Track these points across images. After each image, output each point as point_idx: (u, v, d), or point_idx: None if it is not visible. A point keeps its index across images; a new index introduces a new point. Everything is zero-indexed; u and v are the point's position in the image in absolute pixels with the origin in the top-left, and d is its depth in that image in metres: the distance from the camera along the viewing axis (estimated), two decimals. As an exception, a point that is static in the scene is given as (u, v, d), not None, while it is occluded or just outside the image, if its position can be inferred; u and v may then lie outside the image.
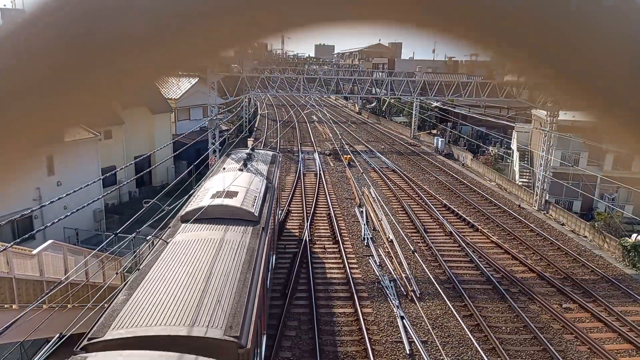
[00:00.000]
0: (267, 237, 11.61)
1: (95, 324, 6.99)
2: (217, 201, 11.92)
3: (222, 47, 0.64)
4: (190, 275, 8.45)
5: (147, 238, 10.08)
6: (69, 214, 9.36)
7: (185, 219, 11.46)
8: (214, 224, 11.07)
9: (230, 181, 13.60)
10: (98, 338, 6.59)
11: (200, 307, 7.34)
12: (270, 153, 21.62)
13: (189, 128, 33.38)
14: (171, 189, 14.79)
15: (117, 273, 11.94)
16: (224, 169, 16.41)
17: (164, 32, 0.59)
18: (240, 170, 15.48)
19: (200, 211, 11.28)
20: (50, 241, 14.48)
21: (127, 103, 32.18)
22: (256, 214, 12.06)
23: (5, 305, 11.68)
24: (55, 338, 6.87)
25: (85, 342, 6.55)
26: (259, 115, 61.69)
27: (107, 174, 16.58)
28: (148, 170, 25.90)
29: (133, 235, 10.61)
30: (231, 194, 12.48)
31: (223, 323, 7.03)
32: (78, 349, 6.33)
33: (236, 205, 11.91)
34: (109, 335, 6.63)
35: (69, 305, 12.69)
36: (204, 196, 12.87)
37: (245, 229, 11.14)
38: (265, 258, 10.81)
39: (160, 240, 10.36)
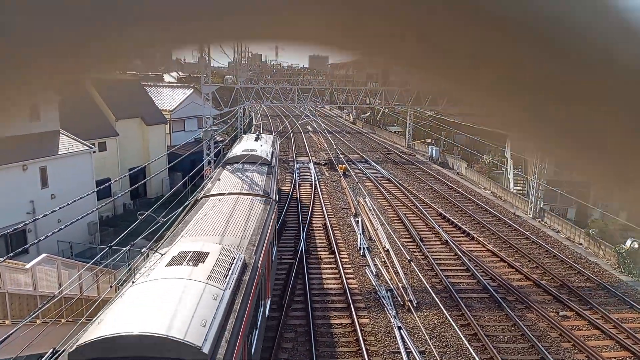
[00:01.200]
0: (275, 172, 20.90)
1: (203, 189, 15.40)
2: (245, 152, 20.39)
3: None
4: (236, 179, 16.79)
5: (142, 250, 10.01)
6: (63, 227, 9.28)
7: (226, 163, 19.85)
8: (244, 164, 18.84)
9: (250, 144, 23.19)
10: (207, 194, 14.41)
11: (247, 189, 15.29)
12: (271, 135, 33.22)
13: (184, 139, 33.35)
14: (166, 201, 14.72)
15: (111, 286, 11.83)
16: (244, 140, 26.30)
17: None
18: (255, 140, 24.82)
19: (236, 156, 20.05)
20: (43, 255, 14.34)
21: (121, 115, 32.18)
22: (268, 159, 20.61)
23: (-2, 321, 11.53)
24: (49, 353, 6.78)
25: (200, 195, 14.46)
26: (253, 126, 61.72)
27: (102, 186, 16.50)
28: (143, 182, 25.81)
29: (128, 247, 10.52)
30: (253, 150, 21.13)
31: (262, 189, 15.59)
32: (199, 198, 14.14)
33: (256, 154, 20.11)
34: (211, 193, 14.54)
35: (62, 320, 12.54)
36: (236, 151, 21.79)
37: (263, 167, 19.28)
38: (275, 178, 20.55)
39: (218, 169, 19.18)
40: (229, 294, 7.74)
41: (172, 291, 7.17)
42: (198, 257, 8.19)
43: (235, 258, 8.86)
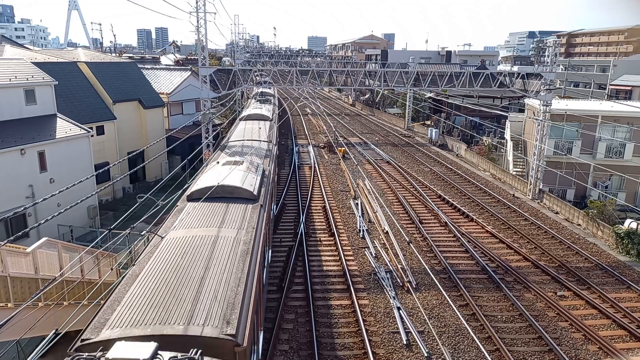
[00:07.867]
0: (275, 125, 27.61)
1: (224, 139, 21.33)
2: (255, 110, 28.51)
3: None
4: (248, 130, 22.40)
5: (142, 233, 10.03)
6: (62, 210, 9.28)
7: (242, 119, 26.86)
8: (255, 119, 25.90)
9: (257, 108, 30.35)
10: (228, 141, 20.76)
11: (256, 137, 21.09)
12: (272, 92, 43.93)
13: (182, 122, 33.14)
14: (165, 184, 14.71)
15: (112, 269, 11.90)
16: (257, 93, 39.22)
17: None
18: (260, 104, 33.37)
19: (248, 114, 27.10)
20: (44, 238, 14.36)
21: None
22: (269, 116, 27.76)
23: (1, 304, 11.62)
24: (51, 335, 6.83)
25: (225, 141, 21.64)
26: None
27: (100, 170, 16.44)
28: (141, 165, 25.76)
29: (128, 230, 10.54)
30: (261, 107, 30.07)
31: (266, 136, 21.67)
32: (224, 144, 20.79)
33: (263, 114, 27.27)
34: (231, 140, 21.02)
35: (64, 303, 12.64)
36: (249, 107, 30.48)
37: (265, 123, 25.49)
38: (276, 129, 26.43)
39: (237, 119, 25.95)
40: (259, 178, 13.57)
41: (231, 171, 13.03)
42: (238, 163, 14.41)
43: (257, 165, 15.21)
